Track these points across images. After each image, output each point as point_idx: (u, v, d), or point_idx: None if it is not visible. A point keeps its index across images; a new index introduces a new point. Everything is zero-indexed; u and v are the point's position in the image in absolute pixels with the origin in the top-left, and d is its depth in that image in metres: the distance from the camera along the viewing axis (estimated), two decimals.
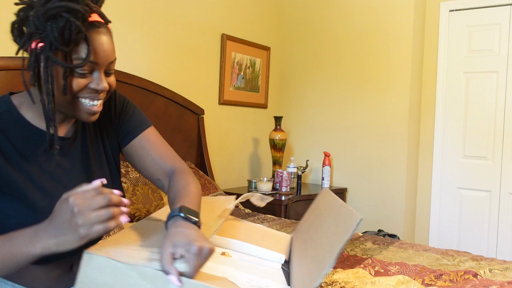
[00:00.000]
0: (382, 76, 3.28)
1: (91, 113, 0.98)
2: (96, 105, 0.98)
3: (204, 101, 3.04)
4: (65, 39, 0.88)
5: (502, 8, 3.08)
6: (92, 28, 0.94)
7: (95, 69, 0.96)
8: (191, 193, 1.06)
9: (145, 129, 1.19)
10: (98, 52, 0.94)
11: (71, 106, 0.97)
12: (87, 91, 0.96)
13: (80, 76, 0.94)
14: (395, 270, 1.63)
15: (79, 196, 0.79)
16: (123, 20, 2.48)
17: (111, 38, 1.00)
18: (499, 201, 3.12)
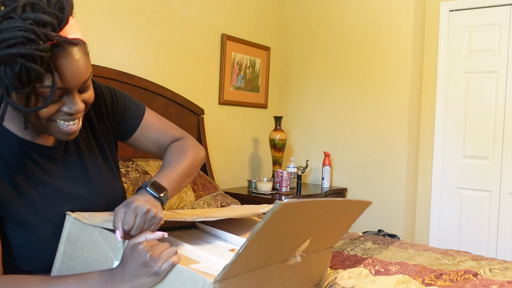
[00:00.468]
0: (382, 76, 3.28)
1: (68, 134, 0.93)
2: (73, 124, 0.92)
3: (204, 101, 3.04)
4: (23, 82, 0.80)
5: (502, 8, 3.08)
6: (57, 53, 0.84)
7: (66, 93, 0.89)
8: (174, 165, 1.10)
9: (142, 117, 1.18)
10: (66, 77, 0.86)
11: (47, 128, 0.92)
12: (61, 115, 0.90)
13: (50, 103, 0.87)
14: (395, 269, 1.63)
15: (147, 244, 0.88)
16: (123, 20, 2.48)
17: (82, 54, 0.90)
18: (499, 201, 3.12)
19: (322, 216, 1.02)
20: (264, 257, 0.95)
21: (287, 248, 1.01)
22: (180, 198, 2.26)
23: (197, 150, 1.18)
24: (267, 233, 0.86)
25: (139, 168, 2.26)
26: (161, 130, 1.20)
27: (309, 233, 1.03)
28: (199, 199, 2.36)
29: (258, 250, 0.89)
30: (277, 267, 1.01)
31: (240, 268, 0.88)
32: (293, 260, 1.04)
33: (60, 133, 0.92)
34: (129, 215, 0.91)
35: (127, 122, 1.17)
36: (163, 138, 1.19)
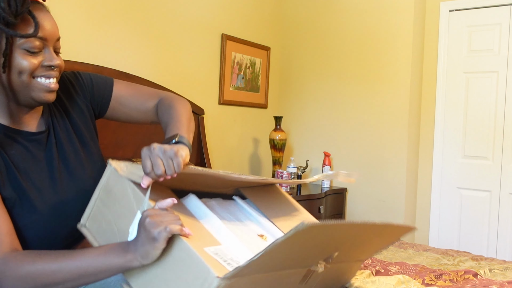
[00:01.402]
0: (382, 76, 3.28)
1: (48, 91, 1.01)
2: (52, 82, 1.01)
3: (204, 101, 3.04)
4: (12, 10, 0.91)
5: (502, 8, 3.08)
6: (34, 5, 0.98)
7: (45, 46, 1.00)
8: (177, 119, 1.13)
9: (112, 87, 1.22)
10: (44, 28, 0.98)
11: (28, 88, 0.99)
12: (42, 70, 0.99)
13: (32, 55, 0.97)
14: (395, 270, 1.63)
15: (152, 210, 0.90)
16: (123, 20, 2.48)
17: (51, 15, 1.03)
18: (499, 201, 3.12)
19: (354, 236, 0.99)
20: (282, 263, 0.92)
21: (310, 257, 0.98)
22: None
23: (183, 100, 1.23)
24: (287, 247, 0.83)
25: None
26: (138, 95, 1.23)
27: (337, 248, 0.99)
28: None
29: (275, 258, 0.87)
30: (295, 272, 0.98)
31: (253, 270, 0.86)
32: (314, 268, 1.01)
33: (41, 90, 1.00)
34: (154, 158, 0.93)
35: (99, 95, 1.21)
36: (143, 101, 1.23)
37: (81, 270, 0.90)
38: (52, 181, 1.06)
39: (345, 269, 1.19)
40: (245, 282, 0.87)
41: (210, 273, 0.83)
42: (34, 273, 0.90)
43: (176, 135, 1.04)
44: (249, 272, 0.85)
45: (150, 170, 0.93)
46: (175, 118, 1.13)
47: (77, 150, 1.13)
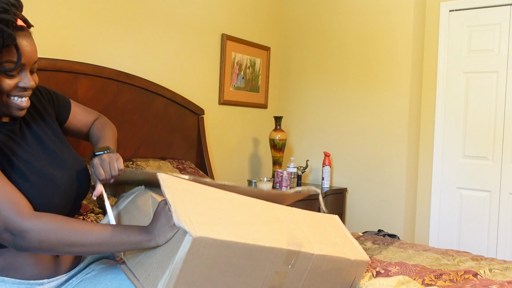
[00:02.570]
0: (382, 76, 3.28)
1: (20, 109, 1.10)
2: (24, 101, 1.10)
3: (204, 101, 3.04)
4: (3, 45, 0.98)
5: (502, 8, 3.08)
6: (18, 32, 1.04)
7: (22, 70, 1.07)
8: (106, 135, 1.39)
9: (71, 105, 1.40)
10: (24, 54, 1.05)
11: (2, 105, 1.08)
12: (16, 90, 1.08)
13: (9, 77, 1.05)
14: (395, 270, 1.63)
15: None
16: (123, 20, 2.48)
17: (33, 40, 1.10)
18: (499, 201, 3.12)
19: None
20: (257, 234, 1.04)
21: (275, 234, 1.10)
22: None
23: (112, 125, 1.49)
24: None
25: (139, 168, 2.26)
26: (85, 114, 1.45)
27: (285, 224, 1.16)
28: None
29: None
30: (274, 249, 1.07)
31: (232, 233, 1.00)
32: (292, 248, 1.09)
33: (15, 108, 1.09)
34: (96, 170, 1.17)
35: (61, 108, 1.37)
36: (87, 121, 1.45)
37: (107, 238, 1.02)
38: (35, 157, 1.14)
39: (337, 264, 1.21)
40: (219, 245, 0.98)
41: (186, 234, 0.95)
42: (67, 229, 1.01)
43: (108, 147, 1.25)
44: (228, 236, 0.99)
45: (103, 177, 1.16)
46: (107, 136, 1.39)
47: (51, 136, 1.23)
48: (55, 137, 1.25)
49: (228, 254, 1.00)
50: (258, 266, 1.05)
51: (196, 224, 0.97)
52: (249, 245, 1.02)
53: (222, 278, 1.02)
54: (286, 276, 1.11)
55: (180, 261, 0.95)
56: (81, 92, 2.20)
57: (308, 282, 1.17)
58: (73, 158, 1.24)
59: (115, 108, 2.37)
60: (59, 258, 1.17)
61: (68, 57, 2.19)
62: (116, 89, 2.37)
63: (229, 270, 1.02)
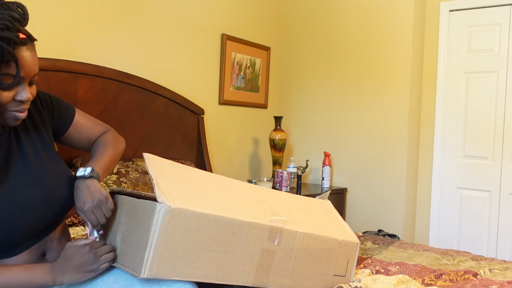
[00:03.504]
0: (382, 76, 3.28)
1: (17, 119, 1.09)
2: (22, 113, 1.09)
3: (204, 101, 3.04)
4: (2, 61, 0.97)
5: (502, 8, 3.08)
6: (19, 47, 1.03)
7: (20, 83, 1.05)
8: (100, 154, 1.31)
9: (74, 115, 1.34)
10: (24, 68, 1.03)
11: (3, 116, 1.07)
12: (13, 104, 1.06)
13: (7, 90, 1.03)
14: (395, 270, 1.63)
15: (90, 245, 1.09)
16: (123, 20, 2.48)
17: (35, 53, 1.08)
18: (499, 201, 3.12)
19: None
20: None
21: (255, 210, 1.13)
22: None
23: (117, 142, 1.39)
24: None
25: (139, 168, 2.26)
26: (90, 127, 1.38)
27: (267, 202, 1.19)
28: None
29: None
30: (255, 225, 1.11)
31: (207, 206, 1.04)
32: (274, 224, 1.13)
33: (11, 118, 1.08)
34: (89, 216, 1.14)
35: (62, 117, 1.32)
36: (92, 133, 1.38)
37: (5, 283, 1.02)
38: (10, 173, 1.12)
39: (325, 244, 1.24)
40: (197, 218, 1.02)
41: (157, 205, 0.98)
42: None
43: (92, 169, 1.21)
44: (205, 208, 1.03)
45: (97, 223, 1.14)
46: (103, 154, 1.32)
47: (38, 151, 1.19)
48: (44, 150, 1.21)
49: (210, 228, 1.03)
50: (243, 242, 1.08)
51: (176, 198, 1.01)
52: (229, 219, 1.06)
53: (208, 253, 1.04)
54: (274, 255, 1.13)
55: (162, 233, 0.98)
56: (81, 92, 2.20)
57: (299, 262, 1.18)
58: (57, 175, 1.20)
59: (115, 108, 2.37)
60: (46, 259, 1.18)
61: (68, 57, 2.19)
62: (116, 89, 2.37)
63: (213, 245, 1.04)
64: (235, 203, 1.12)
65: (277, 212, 1.18)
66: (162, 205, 0.97)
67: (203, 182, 1.15)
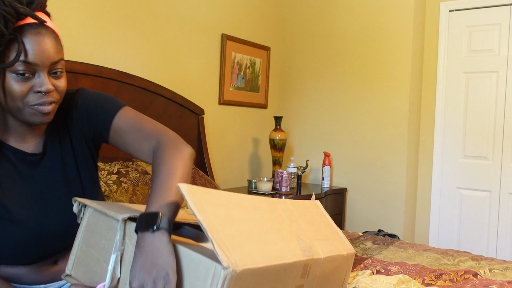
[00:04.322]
0: (382, 76, 3.28)
1: (43, 113, 0.98)
2: (46, 107, 0.98)
3: (204, 101, 3.04)
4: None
5: (502, 8, 3.08)
6: (28, 29, 0.95)
7: (37, 71, 0.96)
8: (158, 183, 0.95)
9: (113, 118, 1.10)
10: (34, 53, 0.94)
11: (23, 112, 0.98)
12: (34, 97, 0.97)
13: (21, 80, 0.95)
14: (395, 270, 1.63)
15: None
16: (123, 20, 2.48)
17: (52, 38, 0.99)
18: (499, 201, 3.12)
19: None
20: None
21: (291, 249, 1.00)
22: None
23: (180, 153, 1.02)
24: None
25: (139, 168, 2.26)
26: (137, 132, 1.10)
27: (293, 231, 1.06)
28: None
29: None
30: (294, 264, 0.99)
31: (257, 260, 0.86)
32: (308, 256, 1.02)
33: (35, 115, 0.98)
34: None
35: (100, 121, 1.12)
36: (140, 141, 1.09)
37: None
38: (33, 201, 1.05)
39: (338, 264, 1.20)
40: (252, 273, 0.85)
41: (216, 267, 0.80)
42: None
43: (156, 215, 0.86)
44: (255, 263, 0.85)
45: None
46: (160, 183, 0.95)
47: (70, 180, 1.10)
48: (76, 168, 1.12)
49: (261, 279, 0.88)
50: (283, 284, 0.97)
51: (235, 254, 0.83)
52: (278, 266, 0.92)
53: None
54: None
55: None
56: None
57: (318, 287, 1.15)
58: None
59: None
60: (58, 266, 1.13)
61: (68, 57, 2.19)
62: (116, 89, 2.37)
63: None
64: (268, 233, 0.99)
65: (299, 235, 1.08)
66: (228, 271, 0.78)
67: (236, 211, 0.98)
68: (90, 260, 0.99)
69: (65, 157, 1.12)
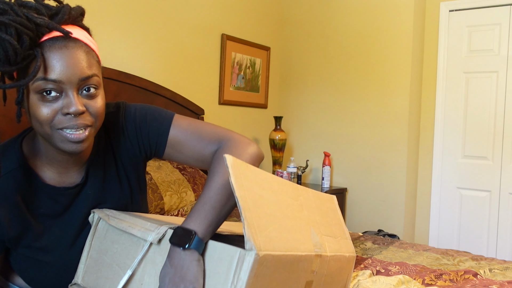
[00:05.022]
0: (382, 76, 3.28)
1: (74, 141, 0.86)
2: (77, 133, 0.86)
3: (204, 101, 3.04)
4: (8, 57, 0.78)
5: (502, 8, 3.08)
6: (50, 44, 0.83)
7: (64, 90, 0.84)
8: (207, 195, 0.89)
9: (168, 132, 1.03)
10: (58, 69, 0.82)
11: (52, 138, 0.87)
12: (63, 120, 0.85)
13: (46, 101, 0.84)
14: (395, 270, 1.63)
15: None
16: (123, 20, 2.48)
17: (82, 52, 0.86)
18: (499, 201, 3.12)
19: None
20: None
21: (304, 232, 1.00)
22: (180, 198, 2.26)
23: (242, 158, 0.95)
24: None
25: None
26: (196, 140, 1.02)
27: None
28: None
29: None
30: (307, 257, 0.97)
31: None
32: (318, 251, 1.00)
33: (66, 141, 0.86)
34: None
35: (153, 138, 1.04)
36: (200, 149, 1.02)
37: None
38: (67, 237, 1.01)
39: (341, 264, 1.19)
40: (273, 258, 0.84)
41: (240, 252, 0.79)
42: None
43: (190, 234, 0.83)
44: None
45: None
46: (209, 196, 0.89)
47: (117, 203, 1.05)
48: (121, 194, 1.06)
49: (278, 268, 0.86)
50: (295, 277, 0.95)
51: (260, 236, 0.81)
52: (295, 256, 0.90)
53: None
54: (312, 285, 1.04)
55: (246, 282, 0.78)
56: None
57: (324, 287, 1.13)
58: None
59: None
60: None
61: None
62: (116, 89, 2.37)
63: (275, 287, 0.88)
64: (292, 225, 0.97)
65: (314, 228, 1.06)
66: (253, 253, 0.77)
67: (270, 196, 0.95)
68: (101, 266, 0.95)
69: (106, 184, 1.04)
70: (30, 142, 0.97)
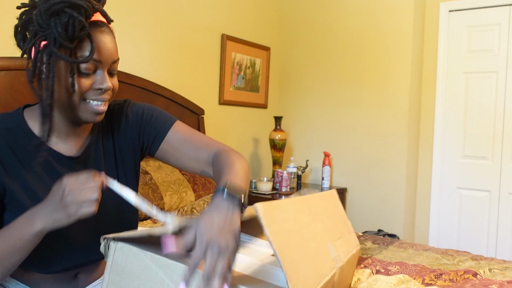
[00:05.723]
0: (382, 76, 3.28)
1: (96, 113, 0.99)
2: (101, 104, 0.99)
3: (204, 101, 3.04)
4: (69, 35, 0.90)
5: (502, 8, 3.08)
6: (95, 27, 0.97)
7: (99, 68, 0.97)
8: (235, 168, 0.98)
9: (169, 128, 1.14)
10: (101, 51, 0.96)
11: (77, 109, 0.98)
12: (93, 93, 0.98)
13: (84, 76, 0.95)
14: (395, 269, 1.63)
15: (72, 178, 0.85)
16: (123, 19, 2.48)
17: (113, 38, 1.02)
18: (498, 201, 3.12)
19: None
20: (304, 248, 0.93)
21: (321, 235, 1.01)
22: (180, 198, 2.26)
23: (241, 156, 1.08)
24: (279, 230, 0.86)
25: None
26: (194, 142, 1.13)
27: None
28: (199, 199, 2.36)
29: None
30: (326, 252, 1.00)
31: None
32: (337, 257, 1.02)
33: (90, 112, 0.98)
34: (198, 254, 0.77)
35: (152, 132, 1.14)
36: (197, 149, 1.11)
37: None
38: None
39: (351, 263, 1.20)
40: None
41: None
42: None
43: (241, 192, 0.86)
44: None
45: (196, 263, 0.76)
46: (230, 168, 0.98)
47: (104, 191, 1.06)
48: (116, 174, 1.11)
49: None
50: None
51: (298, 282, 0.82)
52: (326, 283, 0.93)
53: None
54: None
55: None
56: None
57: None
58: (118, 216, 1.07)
59: None
60: (78, 279, 1.11)
61: None
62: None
63: None
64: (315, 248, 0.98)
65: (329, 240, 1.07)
66: None
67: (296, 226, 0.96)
68: None
69: (105, 167, 1.09)
70: (32, 111, 1.04)
